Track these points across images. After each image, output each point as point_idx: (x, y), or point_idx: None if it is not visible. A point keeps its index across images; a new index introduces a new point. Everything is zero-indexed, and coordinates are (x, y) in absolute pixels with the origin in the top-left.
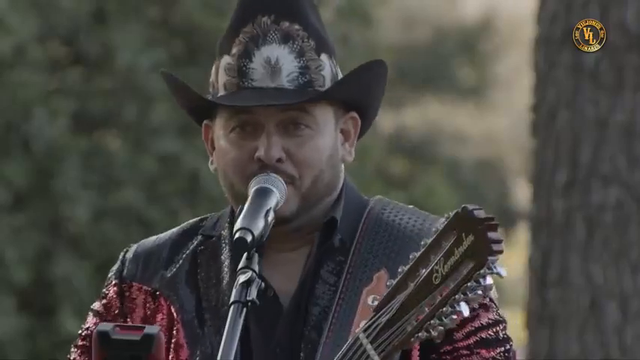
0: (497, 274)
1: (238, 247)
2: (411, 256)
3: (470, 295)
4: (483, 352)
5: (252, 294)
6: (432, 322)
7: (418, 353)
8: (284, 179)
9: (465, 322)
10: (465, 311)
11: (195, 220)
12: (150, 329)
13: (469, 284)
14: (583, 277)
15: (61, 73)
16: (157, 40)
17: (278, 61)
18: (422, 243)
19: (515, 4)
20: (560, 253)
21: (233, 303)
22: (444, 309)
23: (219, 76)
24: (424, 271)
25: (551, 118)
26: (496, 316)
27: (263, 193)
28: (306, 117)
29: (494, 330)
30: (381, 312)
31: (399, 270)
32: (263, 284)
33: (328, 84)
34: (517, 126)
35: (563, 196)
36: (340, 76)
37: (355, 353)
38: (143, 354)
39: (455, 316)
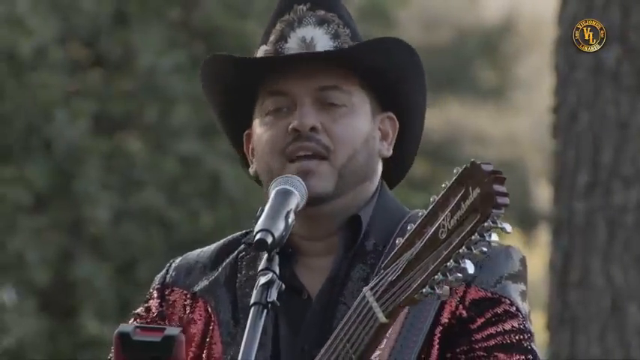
0: (502, 228)
1: (258, 248)
2: (419, 214)
3: (474, 250)
4: (501, 355)
5: (273, 295)
6: (436, 277)
7: (437, 352)
8: (319, 149)
9: (487, 324)
10: (470, 268)
11: (240, 232)
12: (170, 331)
13: (473, 238)
14: (604, 279)
15: (81, 75)
16: (178, 41)
17: (313, 39)
18: (430, 199)
19: (536, 5)
20: (582, 254)
21: (254, 304)
22: (448, 264)
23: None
24: (431, 228)
25: (572, 119)
26: (521, 326)
27: (283, 195)
28: (341, 95)
29: (517, 337)
30: (388, 270)
31: (408, 228)
32: (283, 286)
33: None
34: (538, 127)
35: (584, 197)
36: None
37: (362, 311)
38: (163, 356)
39: (459, 274)
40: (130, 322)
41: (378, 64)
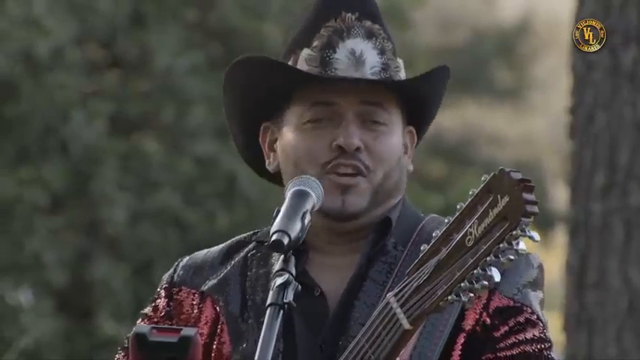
0: (530, 237)
1: (275, 249)
2: (445, 220)
3: (502, 258)
4: None
5: (289, 296)
6: (462, 285)
7: (459, 359)
8: (360, 168)
9: (510, 333)
10: (497, 276)
11: (248, 233)
12: (187, 331)
13: (501, 246)
14: (621, 280)
15: (98, 76)
16: (195, 42)
17: (362, 53)
18: (457, 207)
19: (553, 5)
20: (598, 255)
21: (270, 305)
22: (475, 271)
23: (298, 67)
24: (458, 235)
25: (589, 120)
26: (542, 335)
27: (300, 196)
28: (383, 114)
29: (538, 347)
30: (413, 276)
31: (433, 235)
32: (300, 286)
33: None
34: (555, 128)
35: (601, 198)
36: None
37: (385, 317)
38: (180, 356)
39: (486, 282)
40: (139, 322)
41: (422, 92)
